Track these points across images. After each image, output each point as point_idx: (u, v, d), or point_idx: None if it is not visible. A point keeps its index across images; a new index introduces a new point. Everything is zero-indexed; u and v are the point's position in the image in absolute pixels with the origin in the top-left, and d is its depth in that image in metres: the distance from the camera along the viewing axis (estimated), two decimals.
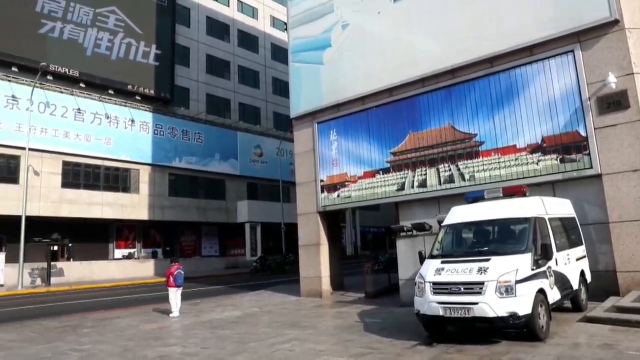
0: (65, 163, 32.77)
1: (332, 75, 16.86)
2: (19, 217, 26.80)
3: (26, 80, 30.56)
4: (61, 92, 32.97)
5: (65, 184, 32.61)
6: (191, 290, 14.99)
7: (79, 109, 33.62)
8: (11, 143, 29.78)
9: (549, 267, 8.28)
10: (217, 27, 45.01)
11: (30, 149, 28.54)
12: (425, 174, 14.03)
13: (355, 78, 16.00)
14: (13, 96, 30.57)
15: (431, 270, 8.39)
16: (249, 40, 47.77)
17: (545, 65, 12.14)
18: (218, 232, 43.64)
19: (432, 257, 8.96)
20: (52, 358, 8.53)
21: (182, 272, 13.79)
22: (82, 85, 34.05)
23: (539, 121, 12.17)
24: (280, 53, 47.24)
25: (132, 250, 37.89)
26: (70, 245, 30.80)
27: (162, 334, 10.78)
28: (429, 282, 8.20)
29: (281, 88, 47.72)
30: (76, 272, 30.88)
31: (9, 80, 30.75)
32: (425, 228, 13.35)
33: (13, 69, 31.09)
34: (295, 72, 18.44)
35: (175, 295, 13.63)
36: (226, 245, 43.87)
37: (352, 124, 16.22)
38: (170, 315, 13.43)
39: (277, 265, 33.39)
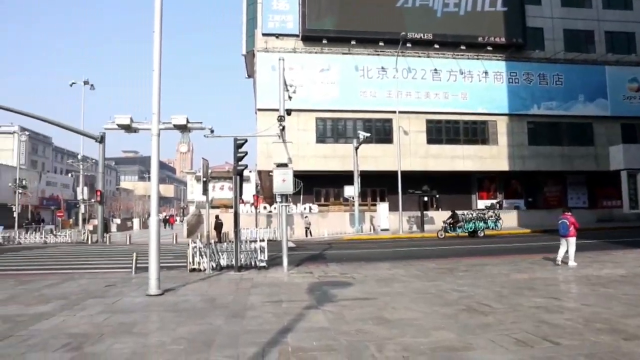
0: (428, 121, 35.72)
1: None
2: (395, 172, 30.87)
3: (390, 52, 34.41)
4: (419, 56, 35.71)
5: (430, 140, 35.62)
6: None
7: (435, 70, 35.73)
8: (384, 108, 34.45)
9: None
10: None
11: (399, 112, 32.34)
12: None
13: None
14: (382, 68, 35.03)
15: None
16: None
17: None
18: (586, 182, 39.40)
19: None
20: (436, 294, 9.45)
21: (566, 222, 13.52)
22: (436, 46, 35.90)
23: None
24: None
25: (494, 201, 38.33)
26: (437, 196, 33.49)
27: (534, 284, 10.46)
28: None
29: None
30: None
31: (378, 54, 35.25)
32: None
33: (380, 44, 35.30)
34: None
35: (562, 244, 13.63)
36: (597, 195, 39.27)
37: None
38: (569, 264, 13.39)
39: (469, 228, 27.46)
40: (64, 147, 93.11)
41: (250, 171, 44.58)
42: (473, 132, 36.58)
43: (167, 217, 57.62)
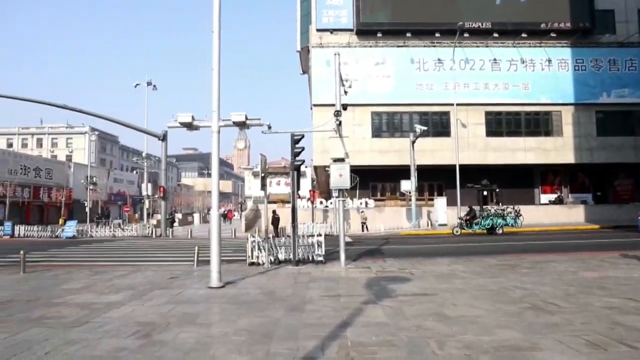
0: (487, 113, 34.63)
1: None
2: (453, 165, 30.21)
3: (447, 43, 33.57)
4: (477, 46, 34.63)
5: (489, 132, 34.54)
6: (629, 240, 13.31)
7: (494, 59, 34.54)
8: (441, 101, 33.72)
9: None
10: None
11: (457, 104, 31.55)
12: None
13: None
14: (438, 59, 34.27)
15: None
16: None
17: None
18: None
19: None
20: (498, 291, 9.13)
21: None
22: (495, 35, 34.62)
23: None
24: None
25: (557, 195, 36.72)
26: (497, 190, 32.40)
27: (606, 283, 9.89)
28: None
29: None
30: None
31: (434, 46, 34.49)
32: None
33: (436, 35, 34.51)
34: None
35: None
36: None
37: None
38: None
39: (486, 225, 25.89)
40: (129, 146, 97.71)
41: (306, 166, 45.01)
42: (535, 123, 35.06)
43: (226, 212, 59.17)
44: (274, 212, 28.02)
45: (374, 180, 36.16)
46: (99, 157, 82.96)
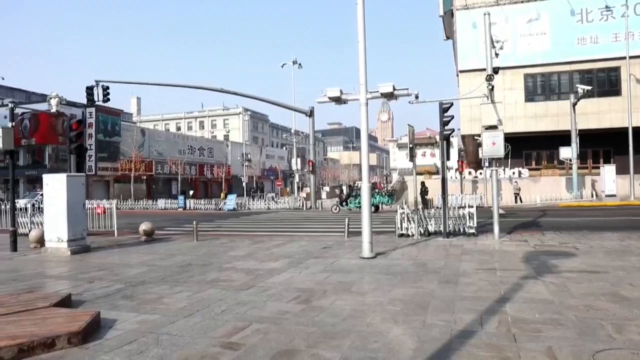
0: None
1: None
2: (625, 129, 26.61)
3: None
4: None
5: None
6: None
7: None
8: (609, 55, 29.72)
9: None
10: None
11: (630, 57, 27.51)
12: None
13: None
14: (606, 7, 30.12)
15: None
16: None
17: None
18: None
19: None
20: None
21: None
22: None
23: None
24: None
25: None
26: None
27: None
28: None
29: None
30: None
31: None
32: None
33: None
34: None
35: None
36: None
37: None
38: None
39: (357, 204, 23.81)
40: (278, 123, 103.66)
41: (453, 136, 43.47)
42: None
43: (376, 184, 59.89)
44: (422, 183, 27.65)
45: (528, 149, 33.53)
46: (252, 135, 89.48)
